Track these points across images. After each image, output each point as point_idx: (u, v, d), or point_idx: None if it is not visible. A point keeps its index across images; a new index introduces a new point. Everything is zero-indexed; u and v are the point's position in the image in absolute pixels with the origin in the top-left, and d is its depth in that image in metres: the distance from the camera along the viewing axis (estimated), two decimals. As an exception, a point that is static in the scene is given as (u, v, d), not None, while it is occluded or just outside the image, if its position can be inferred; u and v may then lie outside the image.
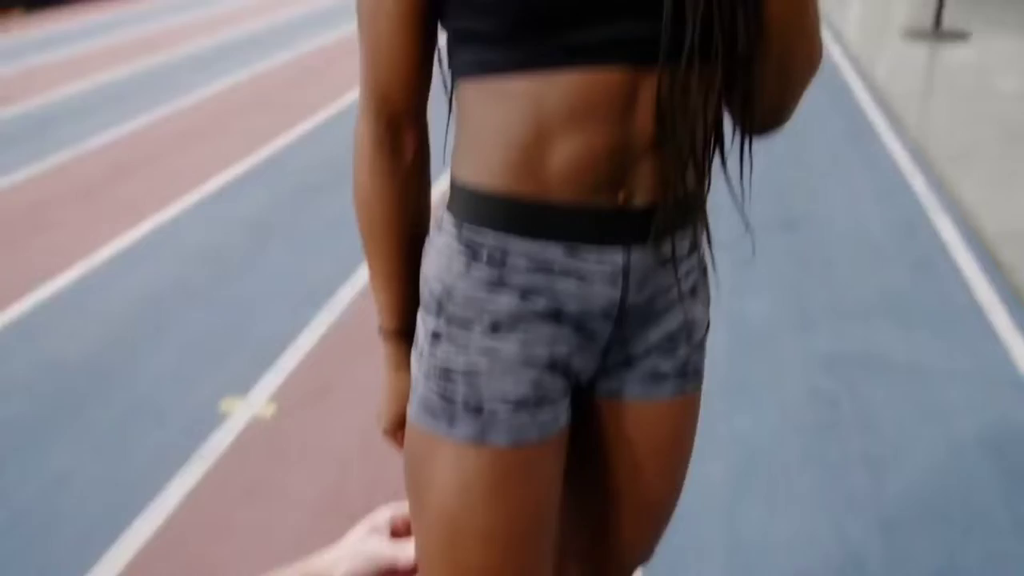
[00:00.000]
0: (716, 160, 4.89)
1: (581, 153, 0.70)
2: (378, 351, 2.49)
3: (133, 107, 5.04)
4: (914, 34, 6.69)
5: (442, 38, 5.02)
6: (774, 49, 0.71)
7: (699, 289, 0.83)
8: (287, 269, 3.01)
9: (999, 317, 2.67)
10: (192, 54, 6.55)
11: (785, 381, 2.33)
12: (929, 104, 5.32)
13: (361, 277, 2.94)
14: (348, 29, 7.48)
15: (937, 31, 6.60)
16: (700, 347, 0.86)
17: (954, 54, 6.24)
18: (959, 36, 6.56)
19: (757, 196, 3.55)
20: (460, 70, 0.75)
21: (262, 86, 5.57)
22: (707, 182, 0.76)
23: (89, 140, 4.45)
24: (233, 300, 2.79)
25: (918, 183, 3.76)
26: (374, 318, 2.67)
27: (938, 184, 3.74)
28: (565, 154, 0.70)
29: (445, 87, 0.80)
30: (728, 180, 0.77)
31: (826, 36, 6.93)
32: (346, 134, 4.53)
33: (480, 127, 0.73)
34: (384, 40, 0.75)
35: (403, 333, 0.87)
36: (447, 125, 0.92)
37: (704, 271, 0.84)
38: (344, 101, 5.12)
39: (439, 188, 3.68)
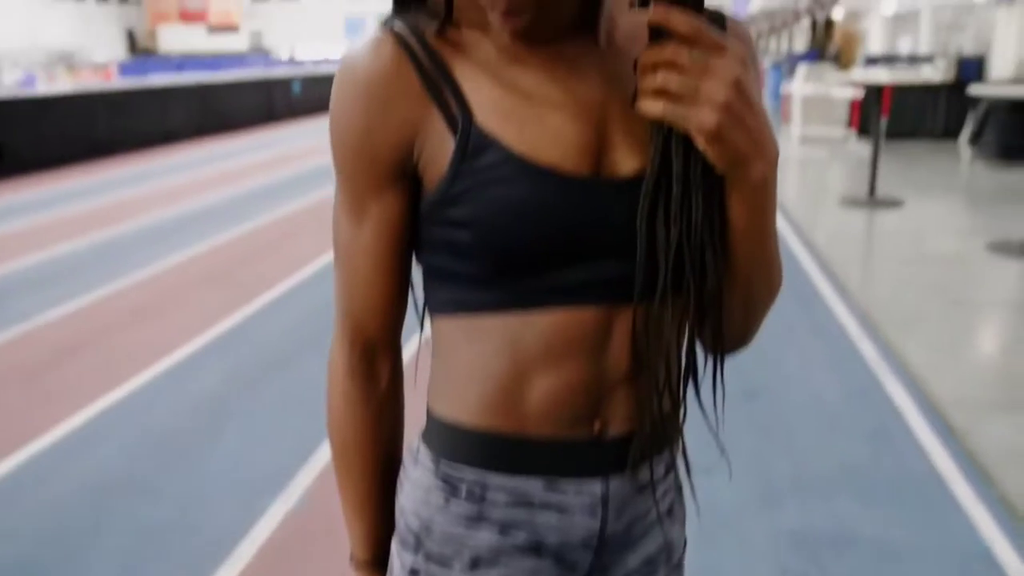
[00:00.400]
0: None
1: (558, 389, 0.73)
2: (339, 542, 2.42)
3: (86, 281, 5.04)
4: (851, 202, 7.09)
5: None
6: (739, 281, 0.75)
7: (675, 508, 0.85)
8: (242, 453, 2.95)
9: (959, 487, 2.70)
10: (148, 227, 6.65)
11: (755, 563, 2.30)
12: (871, 269, 5.57)
13: (319, 459, 2.88)
14: (303, 202, 7.69)
15: (872, 199, 7.02)
16: (679, 567, 0.86)
17: (890, 220, 6.61)
18: (893, 203, 6.98)
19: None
20: (437, 307, 0.78)
21: (218, 260, 5.64)
22: (683, 408, 0.79)
23: (39, 316, 4.42)
24: (183, 490, 2.71)
25: (867, 349, 3.88)
26: (334, 504, 2.60)
27: (886, 350, 3.87)
28: (542, 390, 0.73)
29: (417, 313, 0.83)
30: (702, 406, 0.79)
31: (768, 204, 7.30)
32: (302, 308, 4.57)
33: (457, 362, 0.76)
34: (360, 274, 0.77)
35: (376, 564, 0.86)
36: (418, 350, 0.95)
37: (679, 489, 0.86)
38: (301, 275, 5.19)
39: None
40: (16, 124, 9.47)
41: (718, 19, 0.81)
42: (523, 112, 0.72)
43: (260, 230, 6.52)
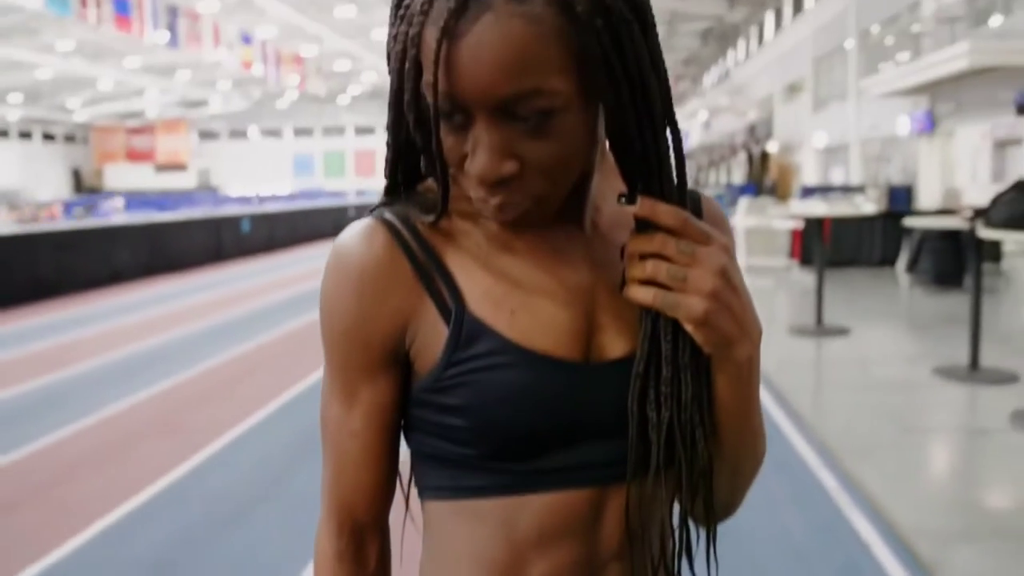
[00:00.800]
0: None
1: (551, 570, 0.75)
2: None
3: (26, 431, 4.87)
4: (799, 331, 7.29)
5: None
6: (727, 453, 0.78)
7: None
8: (191, 616, 2.81)
9: (933, 625, 2.69)
10: (94, 370, 6.50)
11: None
12: (824, 398, 5.68)
13: (274, 621, 2.76)
14: (255, 342, 7.63)
15: (820, 327, 7.22)
16: None
17: (838, 348, 6.79)
18: (840, 331, 7.19)
19: (679, 506, 3.61)
20: (428, 491, 0.79)
21: (168, 404, 5.52)
22: None
23: (-27, 473, 4.24)
24: (129, 659, 2.56)
25: (828, 480, 3.91)
26: (289, 672, 2.49)
27: (847, 480, 3.90)
28: (536, 572, 0.74)
29: (404, 498, 0.84)
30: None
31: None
32: (255, 455, 4.46)
33: (449, 546, 0.77)
34: (350, 458, 0.78)
35: None
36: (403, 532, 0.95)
37: None
38: (254, 419, 5.10)
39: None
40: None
41: (694, 197, 0.86)
42: (514, 299, 0.75)
43: (211, 372, 6.43)
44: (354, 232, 0.77)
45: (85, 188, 52.15)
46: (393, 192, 0.80)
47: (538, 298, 0.76)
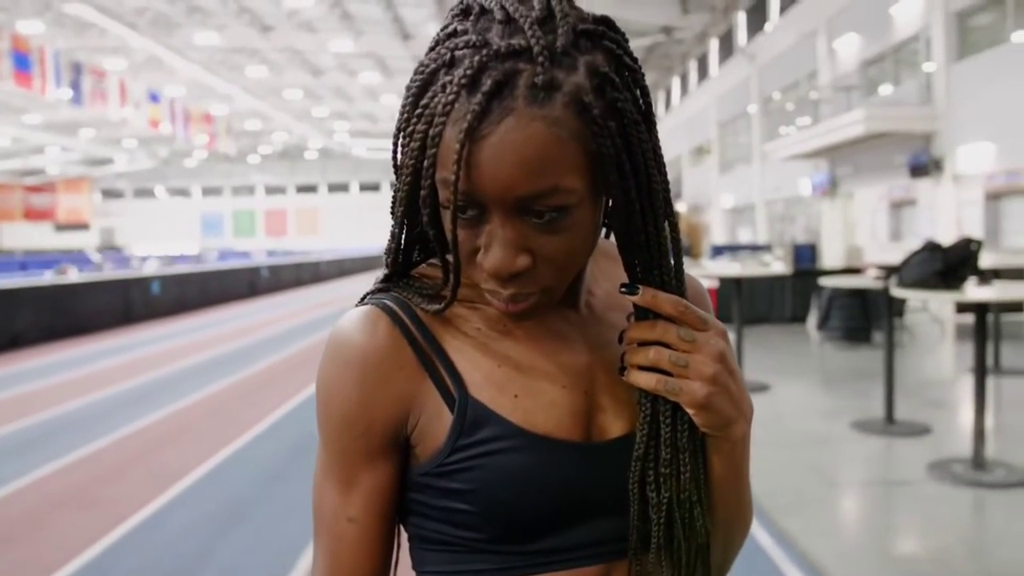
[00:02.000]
0: None
1: None
2: None
3: (-78, 513, 4.54)
4: (721, 387, 7.46)
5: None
6: (720, 525, 0.82)
7: None
8: None
9: None
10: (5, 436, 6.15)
11: None
12: (755, 457, 5.78)
13: None
14: (169, 409, 7.36)
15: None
16: None
17: (760, 404, 6.96)
18: (761, 387, 7.39)
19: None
20: (428, 574, 0.80)
21: (77, 478, 5.24)
22: None
23: None
24: None
25: (765, 540, 3.98)
26: None
27: (782, 538, 3.98)
28: None
29: None
30: None
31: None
32: (178, 528, 4.27)
33: None
34: (346, 544, 0.78)
35: None
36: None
37: None
38: (171, 493, 4.89)
39: (290, 585, 3.47)
40: None
41: None
42: (516, 384, 0.77)
43: (124, 441, 6.15)
44: (355, 319, 0.78)
45: (-21, 248, 49.87)
46: (391, 279, 0.82)
47: (539, 381, 0.78)
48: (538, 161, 0.66)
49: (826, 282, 8.55)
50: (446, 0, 21.84)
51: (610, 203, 0.76)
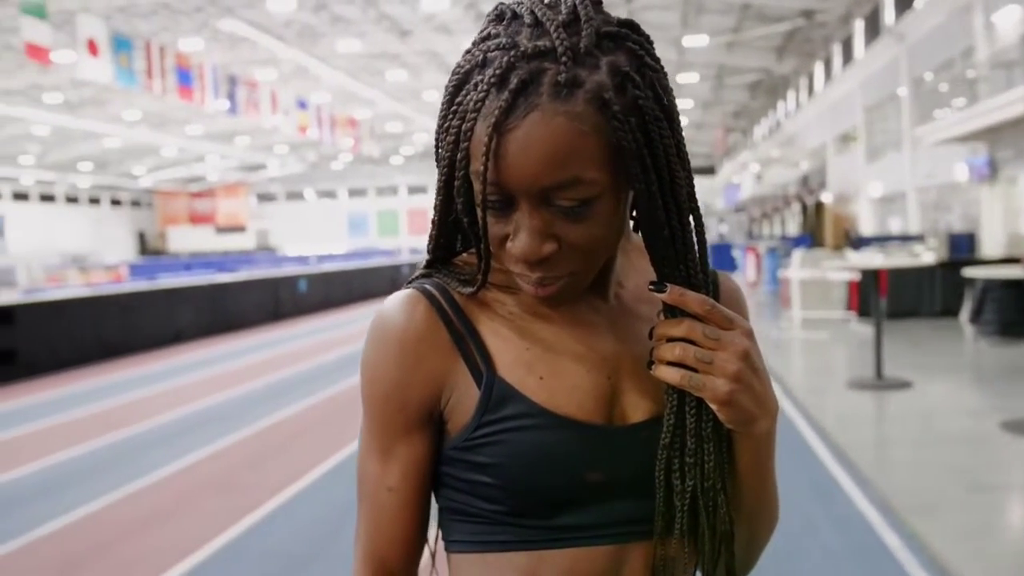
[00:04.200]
0: None
1: None
2: None
3: (87, 490, 5.00)
4: (858, 384, 7.14)
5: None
6: (744, 517, 0.84)
7: None
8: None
9: None
10: (156, 429, 6.66)
11: None
12: (886, 454, 5.53)
13: None
14: (309, 402, 7.74)
15: (880, 380, 7.07)
16: None
17: (899, 402, 6.63)
18: (901, 384, 7.02)
19: (735, 566, 3.54)
20: (454, 544, 0.84)
21: (224, 464, 5.62)
22: None
23: (39, 528, 4.36)
24: None
25: (892, 540, 3.81)
26: None
27: (911, 540, 3.79)
28: None
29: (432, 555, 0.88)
30: None
31: (776, 390, 7.33)
32: (307, 516, 4.51)
33: None
34: (385, 511, 0.84)
35: None
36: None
37: None
38: (307, 480, 5.16)
39: None
40: (29, 328, 9.70)
41: (711, 273, 0.91)
42: (543, 365, 0.81)
43: (265, 432, 6.53)
44: (396, 302, 0.84)
45: (149, 250, 53.89)
46: (433, 265, 0.87)
47: (566, 364, 0.82)
48: (561, 154, 0.70)
49: (974, 273, 8.01)
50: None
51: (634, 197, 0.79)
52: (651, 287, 0.78)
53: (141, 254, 51.87)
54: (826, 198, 29.06)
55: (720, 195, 45.42)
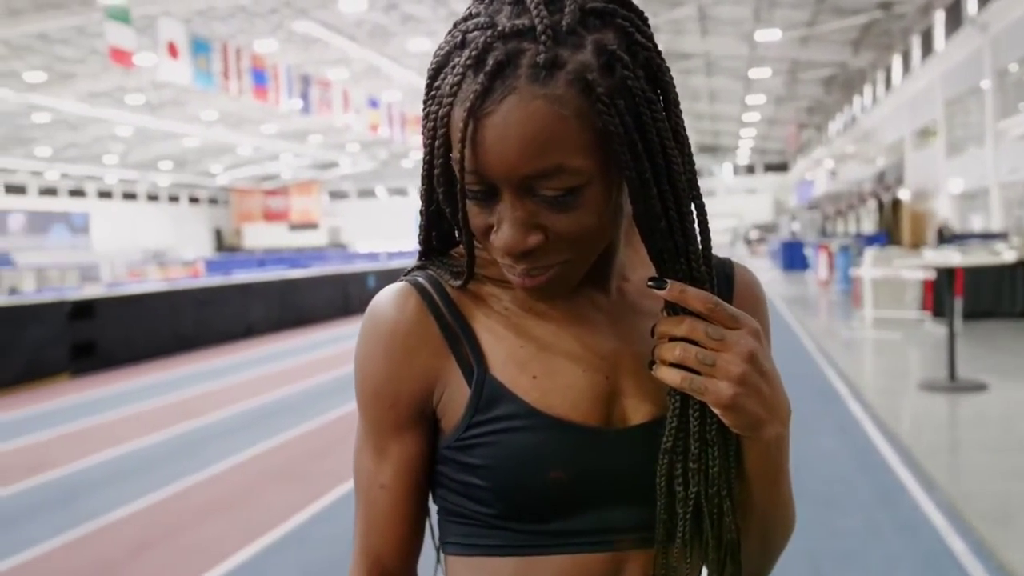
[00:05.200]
0: None
1: None
2: None
3: (160, 476, 5.19)
4: (930, 387, 6.93)
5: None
6: (755, 522, 0.79)
7: None
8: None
9: None
10: (225, 420, 6.87)
11: None
12: (958, 459, 5.36)
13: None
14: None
15: (953, 383, 6.85)
16: None
17: (974, 405, 6.41)
18: (976, 387, 6.79)
19: (788, 568, 3.48)
20: (449, 546, 0.82)
21: (290, 455, 5.76)
22: None
23: (113, 512, 4.55)
24: None
25: (959, 547, 3.70)
26: None
27: (980, 547, 3.68)
28: None
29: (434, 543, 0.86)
30: None
31: (844, 391, 7.18)
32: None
33: None
34: (380, 509, 0.81)
35: None
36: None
37: None
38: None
39: None
40: (108, 321, 10.07)
41: (727, 267, 0.88)
42: (537, 364, 0.78)
43: (331, 424, 6.67)
44: (387, 296, 0.81)
45: (226, 246, 55.34)
46: (427, 257, 0.84)
47: (561, 363, 0.78)
48: (540, 140, 0.65)
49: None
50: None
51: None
52: (650, 283, 0.73)
53: (217, 250, 53.28)
54: (903, 195, 28.24)
55: (792, 192, 44.47)
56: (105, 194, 47.15)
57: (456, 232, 0.81)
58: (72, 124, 34.78)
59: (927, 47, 26.78)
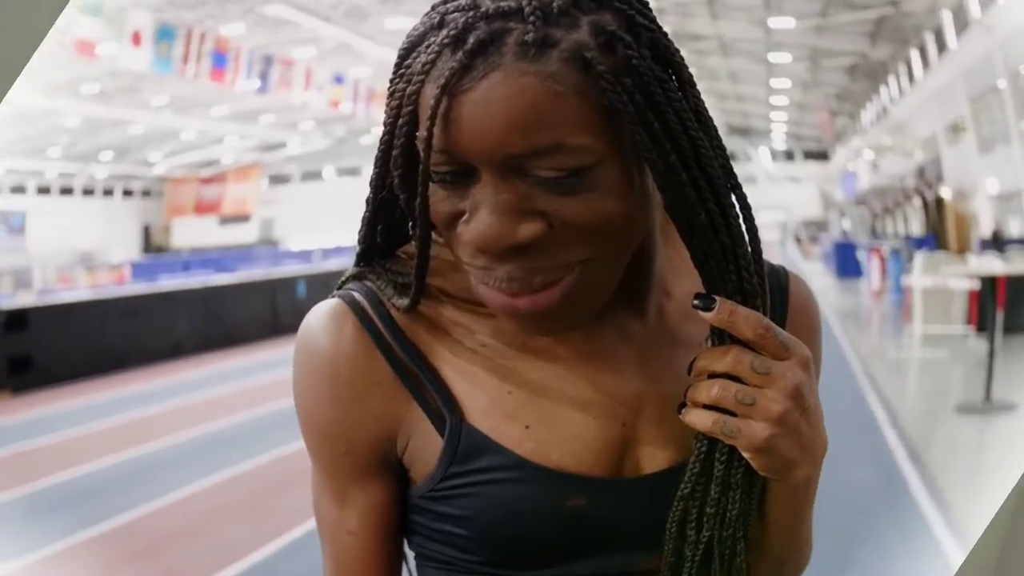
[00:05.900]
0: None
1: None
2: None
3: (108, 506, 5.24)
4: (967, 409, 6.97)
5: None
6: (768, 561, 0.79)
7: None
8: None
9: None
10: (166, 449, 6.90)
11: None
12: (977, 484, 5.46)
13: None
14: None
15: (987, 404, 6.85)
16: None
17: (1003, 426, 6.47)
18: (1006, 407, 6.81)
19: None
20: None
21: (245, 489, 5.83)
22: None
23: (54, 545, 4.59)
24: None
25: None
26: None
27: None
28: None
29: None
30: None
31: (883, 419, 7.22)
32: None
33: None
34: (349, 555, 0.78)
35: None
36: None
37: None
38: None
39: None
40: (42, 333, 9.98)
41: (780, 276, 0.87)
42: (530, 412, 0.74)
43: (285, 459, 6.45)
44: (320, 317, 0.76)
45: (153, 246, 53.79)
46: (367, 259, 0.80)
47: (563, 411, 0.74)
48: (532, 116, 0.63)
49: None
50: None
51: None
52: (695, 303, 0.69)
53: (145, 251, 51.16)
54: (945, 193, 28.46)
55: (837, 184, 44.72)
56: (44, 190, 46.60)
57: (410, 224, 0.77)
58: (29, 117, 34.64)
59: (941, 44, 27.11)
